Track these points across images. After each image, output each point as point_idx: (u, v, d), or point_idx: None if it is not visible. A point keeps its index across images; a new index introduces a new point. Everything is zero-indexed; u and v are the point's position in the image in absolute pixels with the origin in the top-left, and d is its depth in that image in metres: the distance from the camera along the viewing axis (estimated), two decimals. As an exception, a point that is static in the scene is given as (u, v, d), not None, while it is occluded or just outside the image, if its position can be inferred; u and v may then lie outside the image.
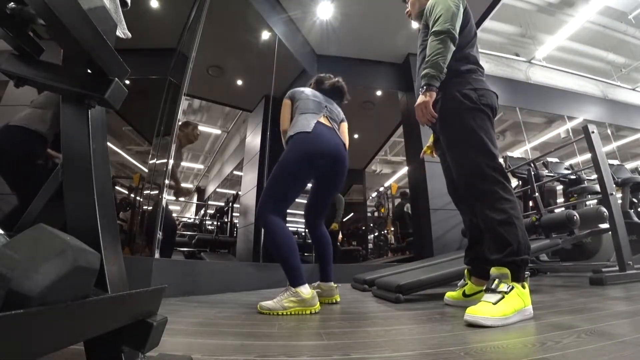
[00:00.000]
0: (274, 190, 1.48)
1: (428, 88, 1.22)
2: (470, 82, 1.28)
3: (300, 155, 1.48)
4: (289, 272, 1.38)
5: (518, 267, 1.11)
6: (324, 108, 1.68)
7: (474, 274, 1.44)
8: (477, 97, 1.25)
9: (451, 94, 1.27)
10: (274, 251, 1.41)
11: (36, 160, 1.84)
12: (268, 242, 1.41)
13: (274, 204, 1.45)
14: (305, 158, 1.48)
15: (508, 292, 1.05)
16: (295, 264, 1.38)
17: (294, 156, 1.48)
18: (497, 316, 0.98)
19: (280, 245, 1.39)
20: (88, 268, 0.36)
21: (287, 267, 1.38)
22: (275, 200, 1.46)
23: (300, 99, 1.68)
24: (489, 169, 1.19)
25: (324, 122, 1.62)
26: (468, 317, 0.99)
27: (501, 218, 1.14)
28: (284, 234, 1.41)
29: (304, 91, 1.74)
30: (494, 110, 1.28)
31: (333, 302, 1.65)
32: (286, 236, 1.41)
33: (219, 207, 5.54)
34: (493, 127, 1.27)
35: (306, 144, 1.49)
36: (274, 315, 1.27)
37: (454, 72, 1.28)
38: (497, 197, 1.17)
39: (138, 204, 3.47)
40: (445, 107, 1.28)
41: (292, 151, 1.50)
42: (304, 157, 1.48)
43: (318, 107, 1.66)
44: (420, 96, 1.24)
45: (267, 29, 3.43)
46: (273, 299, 1.34)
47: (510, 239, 1.12)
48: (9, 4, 0.47)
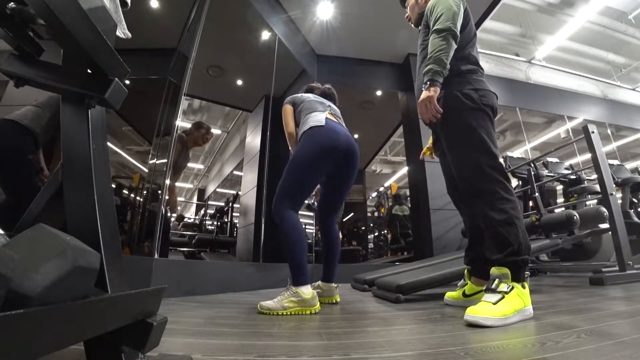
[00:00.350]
0: (289, 185, 1.48)
1: (432, 83, 1.22)
2: (471, 82, 1.28)
3: (316, 147, 1.49)
4: (295, 269, 1.38)
5: (518, 267, 1.11)
6: (327, 107, 1.72)
7: (474, 274, 1.44)
8: (479, 98, 1.25)
9: (452, 93, 1.27)
10: (285, 247, 1.41)
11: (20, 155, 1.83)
12: (281, 237, 1.42)
13: (290, 200, 1.46)
14: (320, 149, 1.49)
15: (508, 292, 1.05)
16: (302, 263, 1.39)
17: (309, 149, 1.49)
18: (497, 316, 0.98)
19: (293, 242, 1.40)
20: (88, 268, 0.36)
21: (294, 264, 1.39)
22: (290, 195, 1.47)
23: (304, 102, 1.71)
24: (489, 168, 1.19)
25: (331, 117, 1.65)
26: (468, 317, 0.99)
27: (502, 218, 1.14)
28: (298, 232, 1.42)
29: (304, 95, 1.78)
30: (495, 111, 1.29)
31: (333, 302, 1.65)
32: (300, 234, 1.42)
33: (219, 207, 5.54)
34: (494, 127, 1.27)
35: (320, 136, 1.51)
36: (274, 315, 1.27)
37: (455, 71, 1.28)
38: (498, 197, 1.17)
39: (138, 204, 3.47)
40: (446, 107, 1.28)
41: (307, 144, 1.50)
42: (319, 148, 1.49)
43: (323, 106, 1.70)
44: (424, 92, 1.24)
45: (267, 29, 3.42)
46: (273, 299, 1.34)
47: (511, 239, 1.12)
48: (9, 4, 0.47)
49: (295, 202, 1.48)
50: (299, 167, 1.48)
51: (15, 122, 1.82)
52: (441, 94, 1.27)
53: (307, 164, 1.48)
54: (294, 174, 1.48)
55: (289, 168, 1.50)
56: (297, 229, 1.42)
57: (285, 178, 1.49)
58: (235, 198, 5.03)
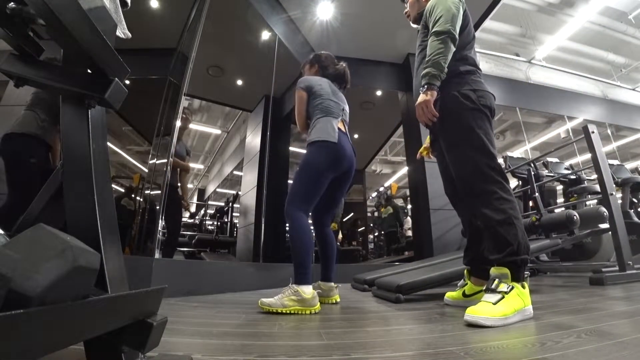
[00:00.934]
0: (301, 189, 1.54)
1: (429, 87, 1.22)
2: (470, 83, 1.28)
3: (327, 165, 1.55)
4: (299, 268, 1.41)
5: (518, 267, 1.11)
6: (342, 111, 1.71)
7: (473, 274, 1.44)
8: (477, 98, 1.25)
9: (451, 94, 1.27)
10: (293, 245, 1.45)
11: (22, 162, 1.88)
12: (291, 236, 1.47)
13: (300, 202, 1.52)
14: (331, 168, 1.57)
15: (508, 292, 1.05)
16: (307, 263, 1.43)
17: (321, 164, 1.55)
18: (497, 316, 0.98)
19: (301, 241, 1.44)
20: (88, 268, 0.36)
21: (298, 262, 1.42)
22: (301, 198, 1.53)
23: (320, 95, 1.66)
24: (488, 169, 1.19)
25: (341, 127, 1.67)
26: (468, 317, 0.99)
27: (500, 218, 1.14)
28: (306, 232, 1.48)
29: (322, 85, 1.70)
30: (493, 112, 1.29)
31: (333, 302, 1.65)
32: (307, 234, 1.48)
33: (219, 207, 5.54)
34: (492, 128, 1.27)
35: (332, 155, 1.56)
36: (273, 314, 1.28)
37: (453, 72, 1.28)
38: (497, 197, 1.17)
39: (138, 204, 3.47)
40: (445, 107, 1.28)
41: (318, 157, 1.55)
42: (330, 166, 1.56)
43: (337, 109, 1.68)
44: (421, 95, 1.24)
45: (267, 29, 3.43)
46: (274, 297, 1.35)
47: (510, 238, 1.12)
48: (9, 4, 0.47)
49: (305, 205, 1.54)
50: (309, 177, 1.55)
51: (13, 134, 1.89)
52: (439, 95, 1.27)
53: (316, 176, 1.55)
54: (304, 181, 1.55)
55: (302, 174, 1.56)
56: (304, 230, 1.47)
57: (297, 183, 1.56)
58: (235, 198, 5.03)
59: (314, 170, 1.54)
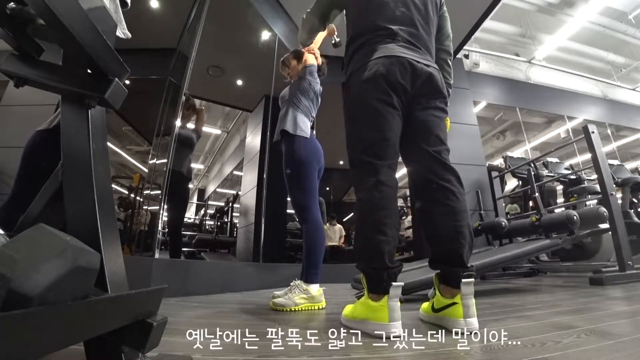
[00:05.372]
0: (308, 186, 1.58)
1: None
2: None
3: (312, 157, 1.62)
4: (311, 268, 1.46)
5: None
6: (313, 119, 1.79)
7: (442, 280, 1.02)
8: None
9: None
10: (306, 244, 1.50)
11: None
12: (306, 235, 1.51)
13: (312, 201, 1.56)
14: (315, 159, 1.64)
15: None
16: (319, 263, 1.48)
17: (307, 157, 1.59)
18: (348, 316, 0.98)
19: (315, 241, 1.50)
20: (88, 268, 0.36)
21: (312, 261, 1.46)
22: (311, 197, 1.57)
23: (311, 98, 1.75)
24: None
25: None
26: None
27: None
28: (320, 233, 1.54)
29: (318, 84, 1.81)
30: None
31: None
32: (322, 235, 1.54)
33: (219, 207, 5.54)
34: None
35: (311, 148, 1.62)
36: (273, 312, 1.29)
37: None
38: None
39: (139, 205, 3.47)
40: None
41: (305, 152, 1.59)
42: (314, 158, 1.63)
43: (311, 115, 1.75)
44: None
45: (267, 29, 3.42)
46: (283, 297, 1.38)
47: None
48: (9, 4, 0.47)
49: (315, 204, 1.59)
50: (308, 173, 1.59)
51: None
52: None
53: (309, 170, 1.59)
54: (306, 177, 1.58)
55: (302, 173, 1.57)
56: (319, 230, 1.53)
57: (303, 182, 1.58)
58: (235, 198, 5.03)
59: (306, 165, 1.59)
